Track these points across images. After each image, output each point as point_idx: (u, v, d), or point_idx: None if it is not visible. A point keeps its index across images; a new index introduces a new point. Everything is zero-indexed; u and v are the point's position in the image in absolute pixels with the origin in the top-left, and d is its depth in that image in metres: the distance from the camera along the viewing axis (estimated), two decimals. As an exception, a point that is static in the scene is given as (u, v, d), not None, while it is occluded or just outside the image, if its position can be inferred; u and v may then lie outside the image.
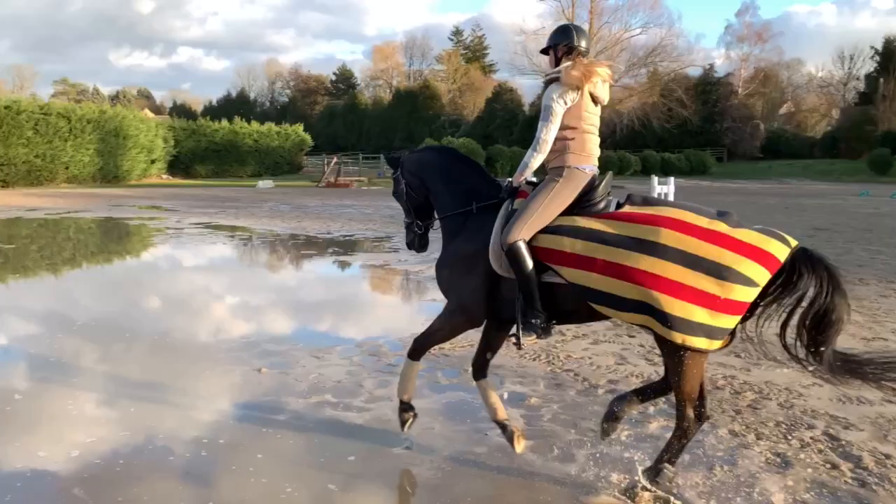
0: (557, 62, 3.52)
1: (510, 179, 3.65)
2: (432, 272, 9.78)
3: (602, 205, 3.38)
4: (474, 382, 3.90)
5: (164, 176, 40.16)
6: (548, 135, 3.40)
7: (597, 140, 3.53)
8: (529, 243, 3.32)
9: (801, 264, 3.05)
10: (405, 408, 3.85)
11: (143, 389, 4.69)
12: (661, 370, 5.18)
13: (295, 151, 47.73)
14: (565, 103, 3.38)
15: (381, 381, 4.97)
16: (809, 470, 3.56)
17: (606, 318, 3.32)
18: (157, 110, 77.62)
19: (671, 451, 3.29)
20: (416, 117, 65.19)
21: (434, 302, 7.81)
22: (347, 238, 14.00)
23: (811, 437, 3.95)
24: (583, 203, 3.37)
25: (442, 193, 3.81)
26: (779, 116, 63.75)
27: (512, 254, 3.29)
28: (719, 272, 2.96)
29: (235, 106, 72.02)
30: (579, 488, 3.40)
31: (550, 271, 3.33)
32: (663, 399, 4.56)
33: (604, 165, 3.61)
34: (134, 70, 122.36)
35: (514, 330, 3.47)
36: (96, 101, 57.27)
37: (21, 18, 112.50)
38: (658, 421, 4.26)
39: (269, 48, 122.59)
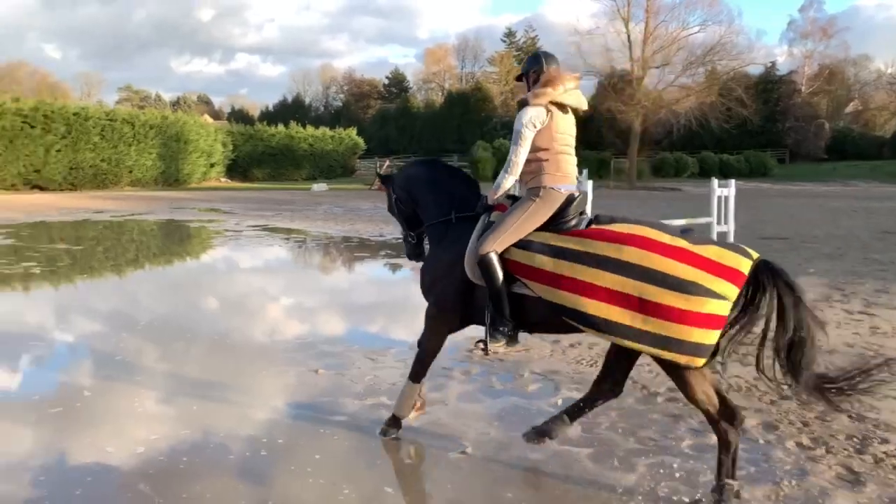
0: (530, 88, 3.64)
1: (486, 195, 3.83)
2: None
3: (573, 222, 3.49)
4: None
5: (223, 179, 41.18)
6: (518, 157, 3.55)
7: (573, 160, 3.63)
8: (502, 255, 3.46)
9: (763, 276, 3.10)
10: (395, 423, 4.00)
11: (204, 388, 4.80)
12: (721, 376, 5.04)
13: (348, 155, 48.38)
14: (535, 126, 3.50)
15: (435, 384, 4.96)
16: (884, 487, 3.39)
17: (577, 330, 3.36)
18: (216, 116, 79.63)
19: (725, 466, 3.24)
20: (468, 119, 65.13)
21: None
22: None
23: (885, 452, 3.77)
24: (556, 220, 3.48)
25: (428, 204, 3.98)
26: (845, 115, 61.37)
27: (484, 264, 3.45)
28: (683, 287, 3.02)
29: (291, 111, 73.26)
30: (640, 499, 3.31)
31: (520, 283, 3.46)
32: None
33: (660, 167, 3.58)
34: (194, 76, 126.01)
35: (482, 335, 3.63)
36: (158, 107, 59.21)
37: (89, 28, 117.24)
38: (720, 431, 4.13)
39: (324, 53, 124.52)
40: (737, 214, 10.07)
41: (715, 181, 9.86)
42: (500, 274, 3.44)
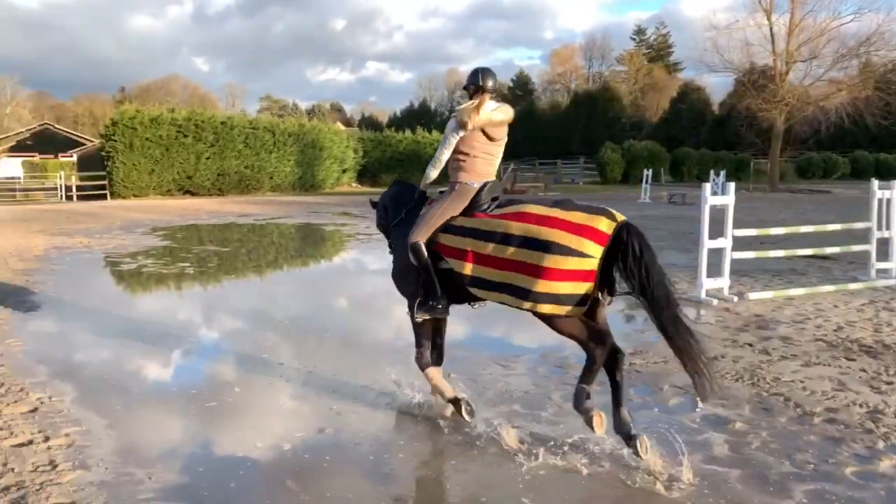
0: (471, 97, 4.31)
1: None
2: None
3: (485, 207, 4.16)
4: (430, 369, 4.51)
5: (354, 184, 42.75)
6: (441, 155, 4.37)
7: (489, 161, 4.32)
8: (434, 239, 4.18)
9: (624, 233, 3.60)
10: (453, 402, 4.39)
11: (341, 388, 4.94)
12: (888, 398, 4.59)
13: (473, 159, 48.72)
14: (457, 135, 4.24)
15: (568, 393, 4.81)
16: None
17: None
18: (347, 123, 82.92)
19: (588, 376, 3.83)
20: (595, 120, 63.90)
21: (620, 312, 7.53)
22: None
23: None
24: (472, 206, 4.19)
25: (391, 211, 4.78)
26: None
27: (413, 251, 4.19)
28: (546, 248, 3.61)
29: (417, 116, 75.12)
30: (799, 530, 3.05)
31: (445, 260, 4.15)
32: (893, 432, 4.05)
33: (806, 168, 3.31)
34: (327, 85, 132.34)
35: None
36: (295, 116, 62.47)
37: (234, 41, 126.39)
38: (890, 459, 3.75)
39: (450, 58, 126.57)
40: (900, 219, 9.15)
41: (875, 182, 9.02)
42: (426, 257, 4.17)
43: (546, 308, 3.66)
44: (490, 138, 4.26)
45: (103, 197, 30.45)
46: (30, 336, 6.42)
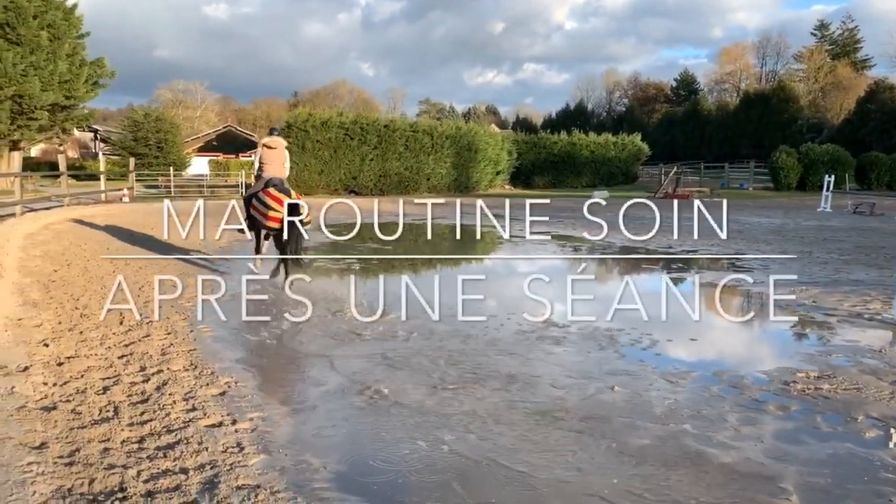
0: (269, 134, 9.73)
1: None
2: (794, 297, 8.68)
3: (270, 189, 8.74)
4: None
5: (507, 186, 42.87)
6: (255, 164, 9.55)
7: (275, 165, 9.31)
8: (251, 201, 9.00)
9: (292, 202, 8.42)
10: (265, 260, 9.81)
11: (492, 394, 4.90)
12: None
13: (631, 161, 47.10)
14: (258, 152, 9.47)
15: (746, 417, 4.50)
16: None
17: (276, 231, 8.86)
18: (502, 125, 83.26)
19: (279, 267, 8.87)
20: (767, 122, 59.51)
21: (787, 329, 6.92)
22: (690, 253, 13.26)
23: None
24: (265, 187, 8.85)
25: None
26: None
27: (241, 200, 9.35)
28: (270, 207, 8.59)
29: (573, 117, 73.90)
30: None
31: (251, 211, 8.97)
32: None
33: None
34: (484, 88, 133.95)
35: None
36: (452, 118, 63.75)
37: (397, 46, 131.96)
38: None
39: (609, 58, 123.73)
40: None
41: None
42: (244, 206, 8.97)
43: (273, 232, 8.71)
44: (271, 151, 9.25)
45: (277, 194, 32.77)
46: (217, 322, 6.98)
